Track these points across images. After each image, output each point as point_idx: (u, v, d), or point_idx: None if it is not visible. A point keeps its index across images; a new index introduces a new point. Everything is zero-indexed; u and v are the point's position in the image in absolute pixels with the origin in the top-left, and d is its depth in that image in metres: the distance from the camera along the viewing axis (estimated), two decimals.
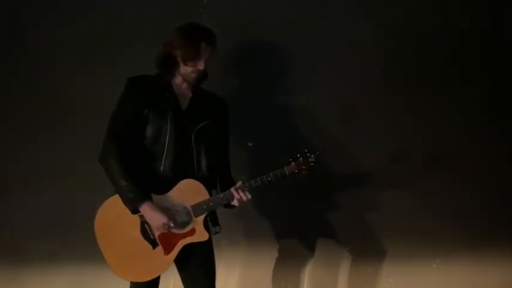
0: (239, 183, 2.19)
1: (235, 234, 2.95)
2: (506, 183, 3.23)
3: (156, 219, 2.08)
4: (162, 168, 2.16)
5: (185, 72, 2.20)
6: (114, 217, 2.14)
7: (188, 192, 2.14)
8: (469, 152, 3.21)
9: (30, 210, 2.78)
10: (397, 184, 3.11)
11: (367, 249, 3.16)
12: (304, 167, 2.21)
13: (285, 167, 2.20)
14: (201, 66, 2.16)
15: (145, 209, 2.07)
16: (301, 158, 2.21)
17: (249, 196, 2.17)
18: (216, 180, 2.27)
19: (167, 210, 2.10)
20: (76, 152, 2.81)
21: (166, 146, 2.15)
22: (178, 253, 2.14)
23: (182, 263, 2.20)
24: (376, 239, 3.16)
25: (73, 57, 2.82)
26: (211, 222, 2.23)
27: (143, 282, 2.20)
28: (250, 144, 2.98)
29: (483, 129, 3.22)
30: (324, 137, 3.03)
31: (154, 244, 2.12)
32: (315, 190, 2.98)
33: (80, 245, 2.80)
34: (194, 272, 2.24)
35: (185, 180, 2.15)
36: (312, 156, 2.22)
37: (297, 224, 3.09)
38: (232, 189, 2.16)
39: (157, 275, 2.20)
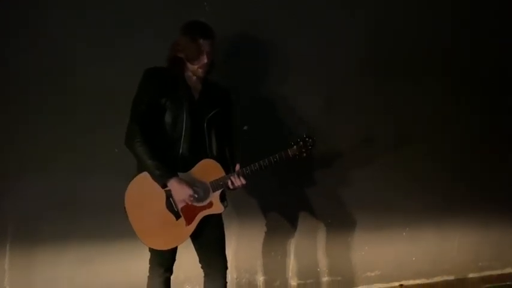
0: (237, 167, 2.40)
1: (229, 212, 2.99)
2: (465, 162, 3.67)
3: (182, 192, 2.27)
4: (181, 150, 2.35)
5: (193, 70, 2.41)
6: (141, 192, 2.31)
7: (207, 170, 2.36)
8: (431, 132, 3.60)
9: (41, 193, 2.82)
10: (371, 162, 3.44)
11: (346, 221, 3.46)
12: (303, 150, 2.47)
13: (288, 150, 2.44)
14: (204, 60, 2.36)
15: (173, 183, 2.26)
16: (301, 142, 2.47)
17: (244, 181, 2.37)
18: (225, 160, 2.48)
19: (190, 185, 2.29)
20: (85, 138, 2.87)
21: (183, 132, 2.35)
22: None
23: (197, 233, 2.39)
24: (353, 212, 3.47)
25: (82, 47, 2.86)
26: (220, 198, 2.42)
27: (165, 251, 2.40)
28: (245, 127, 3.17)
29: (447, 112, 3.61)
30: (306, 121, 3.26)
31: (177, 215, 2.32)
32: (298, 170, 3.19)
33: (88, 224, 2.90)
34: (208, 240, 2.45)
35: (205, 160, 2.37)
36: (310, 141, 2.48)
37: (282, 200, 3.33)
38: (230, 175, 2.37)
39: (179, 244, 2.39)
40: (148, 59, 2.48)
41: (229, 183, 2.37)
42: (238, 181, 2.37)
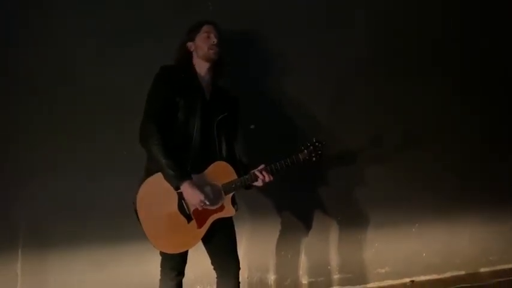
0: (262, 166, 2.40)
1: (241, 212, 2.98)
2: (472, 157, 3.67)
3: (194, 197, 2.25)
4: (192, 151, 2.34)
5: (203, 53, 2.40)
6: (153, 195, 2.29)
7: (219, 172, 2.36)
8: (439, 129, 3.60)
9: (51, 196, 2.82)
10: (379, 161, 3.44)
11: (356, 218, 3.47)
12: (313, 155, 2.48)
13: (299, 154, 2.46)
14: (212, 40, 2.38)
15: (186, 187, 2.24)
16: (311, 147, 2.48)
17: (272, 178, 2.40)
18: (235, 163, 2.47)
19: (202, 188, 2.29)
20: (95, 141, 2.87)
21: (194, 132, 2.34)
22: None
23: (208, 235, 2.38)
24: (363, 209, 3.47)
25: (91, 48, 2.85)
26: (231, 202, 2.42)
27: (176, 255, 2.38)
28: (252, 126, 3.15)
29: (453, 109, 3.61)
30: (315, 122, 3.26)
31: (189, 218, 2.31)
32: (308, 170, 3.07)
33: (98, 227, 2.90)
34: (219, 242, 2.44)
35: (217, 162, 2.36)
36: (319, 145, 2.49)
37: (292, 199, 3.32)
38: (256, 171, 2.38)
39: (191, 247, 2.38)
40: (156, 59, 2.48)
41: (260, 178, 2.37)
42: (267, 177, 2.38)
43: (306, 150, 2.47)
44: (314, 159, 2.48)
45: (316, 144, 2.48)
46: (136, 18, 2.90)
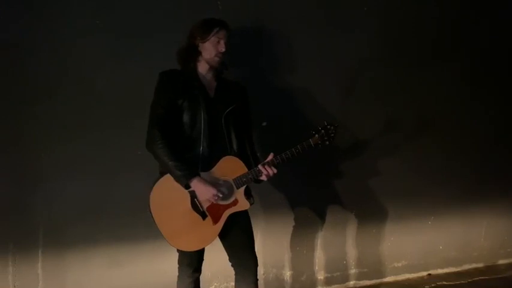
0: (269, 157, 2.39)
1: (255, 208, 2.98)
2: (488, 146, 3.65)
3: (206, 192, 2.28)
4: (201, 149, 2.36)
5: (209, 57, 2.41)
6: (166, 194, 2.32)
7: (229, 167, 2.36)
8: (454, 119, 3.58)
9: (69, 198, 2.86)
10: (393, 152, 3.43)
11: (371, 212, 3.46)
12: (326, 138, 2.44)
13: (310, 139, 2.42)
14: (221, 48, 2.39)
15: (196, 184, 2.27)
16: (323, 131, 2.43)
17: (275, 170, 2.38)
18: (246, 156, 2.48)
19: (213, 184, 2.31)
20: (111, 141, 2.90)
21: (202, 130, 2.36)
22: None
23: (225, 232, 2.40)
24: (377, 203, 3.46)
25: (103, 48, 2.87)
26: (246, 195, 2.43)
27: (193, 252, 2.41)
28: (264, 123, 3.16)
29: (465, 99, 3.60)
30: (326, 112, 3.24)
31: (203, 215, 2.33)
32: (322, 163, 3.21)
33: (116, 227, 2.94)
34: (236, 238, 2.45)
35: (226, 157, 2.37)
36: (332, 128, 2.45)
37: (305, 194, 3.33)
38: (260, 166, 2.38)
39: (208, 244, 2.39)
40: (166, 58, 2.50)
41: (264, 173, 2.35)
42: (270, 170, 2.37)
43: (317, 135, 2.42)
44: (327, 142, 2.44)
45: (328, 127, 2.43)
46: (145, 18, 2.92)
